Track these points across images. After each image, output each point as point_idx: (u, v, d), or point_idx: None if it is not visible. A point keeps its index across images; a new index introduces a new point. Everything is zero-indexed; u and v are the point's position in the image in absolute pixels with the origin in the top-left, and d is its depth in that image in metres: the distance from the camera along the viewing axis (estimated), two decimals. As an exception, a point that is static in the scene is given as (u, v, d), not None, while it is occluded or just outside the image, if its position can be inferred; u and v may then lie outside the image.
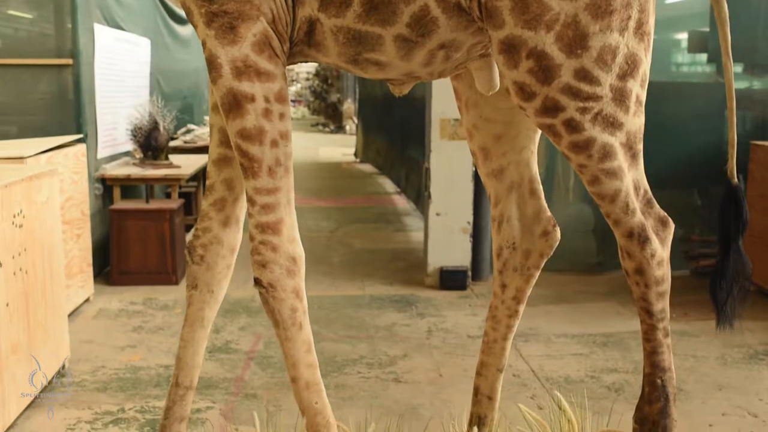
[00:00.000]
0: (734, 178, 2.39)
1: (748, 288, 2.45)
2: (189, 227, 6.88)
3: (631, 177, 2.16)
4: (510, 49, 2.03)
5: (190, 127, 9.03)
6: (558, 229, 2.63)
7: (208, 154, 2.47)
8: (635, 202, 2.17)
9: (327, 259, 6.92)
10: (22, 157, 4.23)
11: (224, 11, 2.05)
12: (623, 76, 2.05)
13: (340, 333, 4.91)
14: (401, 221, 8.98)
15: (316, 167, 14.27)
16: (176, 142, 8.28)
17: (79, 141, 5.31)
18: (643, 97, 2.13)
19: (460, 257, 5.97)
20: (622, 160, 2.11)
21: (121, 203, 6.18)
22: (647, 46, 2.09)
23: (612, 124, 2.07)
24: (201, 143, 8.34)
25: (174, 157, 6.96)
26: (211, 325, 2.57)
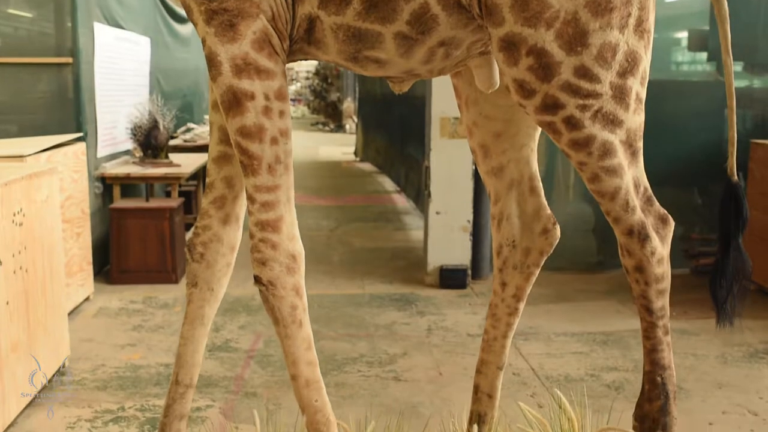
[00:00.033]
0: (734, 176, 2.38)
1: (748, 287, 2.45)
2: (189, 226, 6.88)
3: (631, 174, 2.16)
4: (510, 47, 2.03)
5: (190, 125, 9.03)
6: (558, 227, 2.62)
7: (208, 152, 2.46)
8: (635, 200, 2.17)
9: (327, 258, 6.92)
10: (22, 156, 4.23)
11: (224, 9, 2.05)
12: (623, 74, 2.04)
13: (340, 331, 4.91)
14: (401, 220, 8.98)
15: (315, 166, 14.27)
16: (176, 141, 8.28)
17: (78, 139, 5.31)
18: (643, 94, 2.13)
19: (459, 256, 5.96)
20: (622, 157, 2.11)
21: (121, 202, 6.18)
22: (647, 43, 2.08)
23: (612, 122, 2.06)
24: (201, 142, 8.34)
25: (174, 156, 6.96)
26: (211, 323, 2.57)
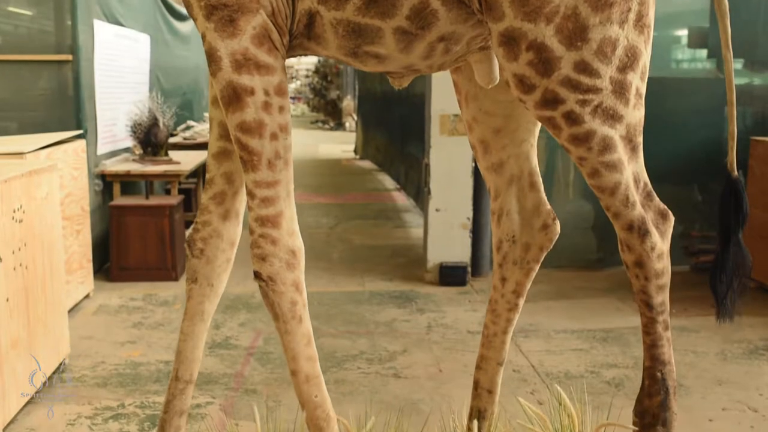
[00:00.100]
0: (734, 171, 2.39)
1: (747, 283, 2.45)
2: (189, 223, 6.87)
3: (631, 170, 2.15)
4: (510, 42, 2.03)
5: (190, 123, 9.04)
6: (558, 223, 2.62)
7: (208, 148, 2.46)
8: (635, 195, 2.17)
9: (327, 256, 6.91)
10: (22, 153, 4.22)
11: (224, 4, 2.05)
12: (623, 69, 2.04)
13: (340, 329, 4.91)
14: (401, 218, 8.97)
15: (315, 164, 14.26)
16: (176, 139, 8.28)
17: (78, 137, 5.31)
18: (643, 89, 2.13)
19: (459, 253, 5.96)
20: (621, 152, 2.11)
21: (121, 199, 6.18)
22: (647, 38, 2.08)
23: (612, 117, 2.06)
24: (201, 140, 8.34)
25: (173, 154, 6.97)
26: (211, 319, 2.57)
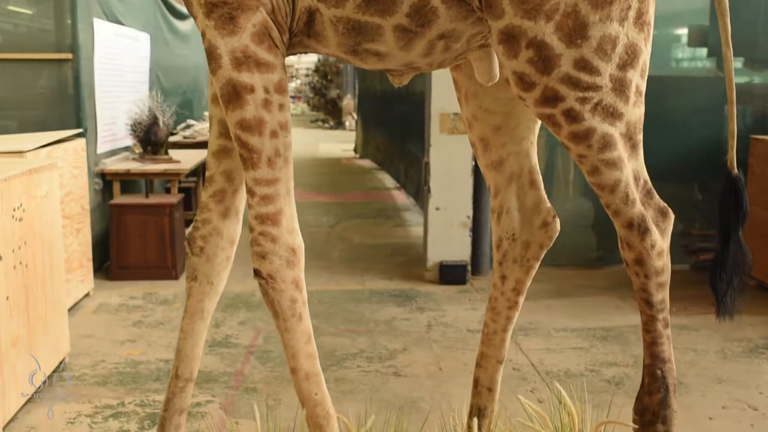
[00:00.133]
0: (734, 169, 2.38)
1: (747, 281, 2.45)
2: (189, 222, 6.85)
3: (631, 167, 2.15)
4: (509, 39, 2.03)
5: (190, 122, 9.04)
6: (558, 220, 2.62)
7: (208, 146, 2.46)
8: (635, 193, 2.17)
9: (326, 254, 6.91)
10: (22, 152, 4.22)
11: (223, 2, 2.04)
12: (623, 66, 2.04)
13: (340, 327, 4.91)
14: (401, 216, 8.97)
15: (315, 163, 14.26)
16: (176, 138, 8.28)
17: (78, 135, 5.31)
18: (643, 87, 2.13)
19: (459, 252, 5.96)
20: (621, 150, 2.11)
21: (121, 198, 6.18)
22: (647, 36, 2.08)
23: (612, 114, 2.06)
24: (200, 138, 8.34)
25: (173, 153, 6.97)
26: (211, 317, 2.57)
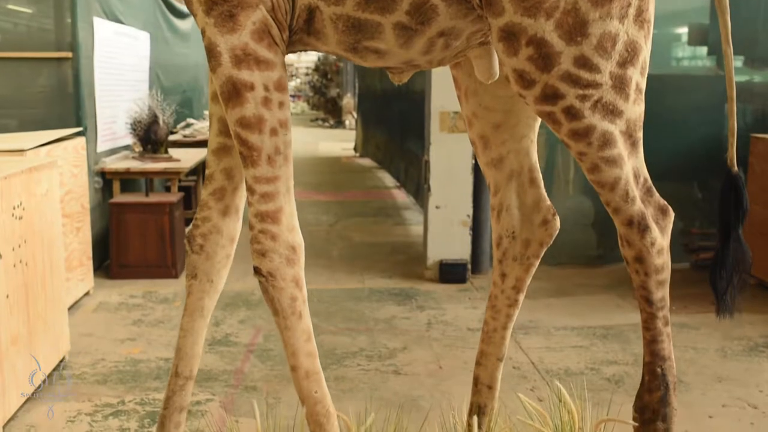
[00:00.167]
0: (734, 167, 2.38)
1: (747, 280, 2.45)
2: (188, 221, 6.84)
3: (631, 165, 2.15)
4: (509, 37, 2.02)
5: (190, 121, 9.03)
6: (557, 218, 2.62)
7: (208, 144, 2.46)
8: (635, 190, 2.17)
9: (326, 253, 6.91)
10: (22, 150, 4.22)
11: (223, -1, 2.04)
12: (623, 64, 2.04)
13: (340, 326, 4.91)
14: (401, 215, 8.97)
15: (315, 162, 14.26)
16: (176, 137, 8.28)
17: (78, 134, 5.31)
18: (643, 84, 2.12)
19: (459, 250, 5.96)
20: (621, 147, 2.11)
21: (121, 197, 6.18)
22: (647, 33, 2.08)
23: (612, 112, 2.06)
24: (200, 137, 8.34)
25: (173, 151, 6.97)
26: (211, 315, 2.57)
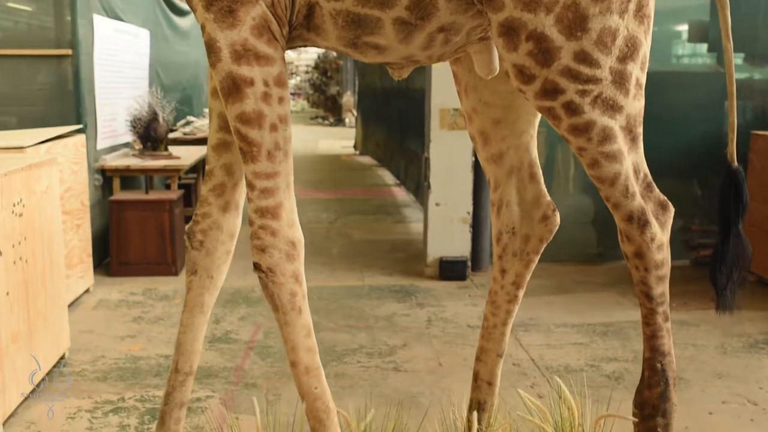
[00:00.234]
0: (734, 162, 2.38)
1: (746, 276, 2.45)
2: (188, 218, 6.81)
3: (631, 160, 2.15)
4: (509, 32, 2.02)
5: (190, 119, 9.03)
6: (557, 214, 2.62)
7: (208, 140, 2.46)
8: (635, 186, 2.16)
9: (326, 250, 6.91)
10: (22, 147, 4.22)
11: (223, -5, 2.04)
12: (623, 59, 2.04)
13: (340, 323, 4.91)
14: (401, 213, 8.97)
15: (315, 160, 14.26)
16: (176, 134, 8.28)
17: (78, 131, 5.30)
18: (643, 80, 2.12)
19: (459, 247, 5.96)
20: (621, 143, 2.11)
21: (121, 194, 6.17)
22: (647, 28, 2.08)
23: (612, 107, 2.06)
24: (200, 135, 8.33)
25: (173, 149, 6.96)
26: (211, 311, 2.57)
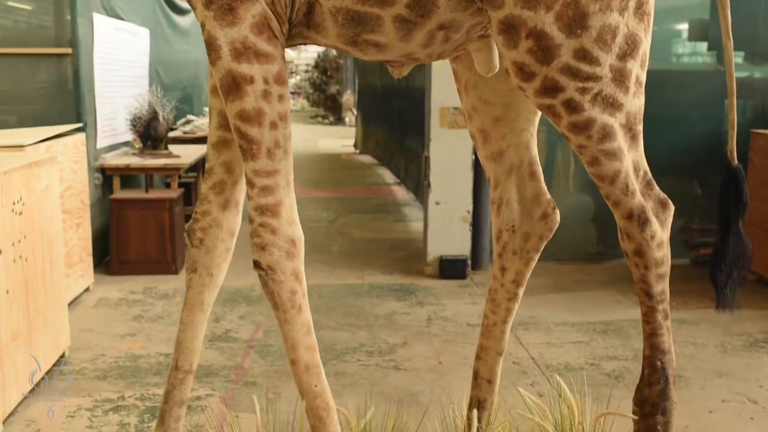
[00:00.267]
0: (734, 160, 2.38)
1: (746, 275, 2.45)
2: (188, 217, 6.81)
3: (631, 158, 2.15)
4: (509, 29, 2.02)
5: (190, 117, 9.02)
6: (557, 212, 2.62)
7: (208, 138, 2.46)
8: (635, 184, 2.16)
9: (326, 249, 6.91)
10: (22, 146, 4.22)
11: (223, -8, 2.04)
12: (623, 57, 2.04)
13: (340, 321, 4.91)
14: (401, 211, 8.97)
15: (315, 158, 14.25)
16: (175, 133, 8.28)
17: (78, 130, 5.30)
18: (643, 77, 2.12)
19: (459, 246, 5.96)
20: (621, 141, 2.11)
21: (121, 193, 6.17)
22: (647, 26, 2.08)
23: (612, 105, 2.06)
24: (200, 134, 8.33)
25: (173, 148, 6.96)
26: (211, 309, 2.57)
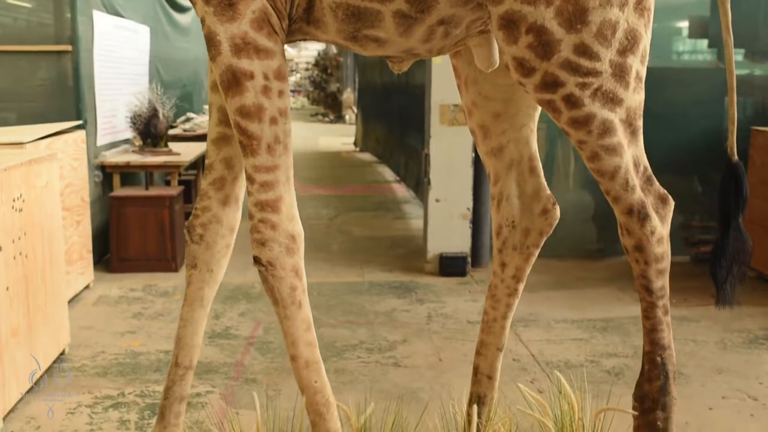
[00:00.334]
0: (734, 156, 2.38)
1: (746, 272, 2.45)
2: (188, 215, 6.81)
3: (631, 153, 2.15)
4: (509, 25, 2.02)
5: (190, 115, 9.02)
6: (557, 208, 2.62)
7: (208, 134, 2.46)
8: (635, 179, 2.16)
9: (326, 246, 6.91)
10: (22, 143, 4.22)
11: (223, -12, 2.04)
12: (623, 52, 2.04)
13: (340, 319, 4.91)
14: (401, 209, 8.97)
15: (315, 156, 14.25)
16: (176, 131, 8.27)
17: (78, 127, 5.30)
18: (643, 73, 2.12)
19: (459, 243, 5.96)
20: (621, 136, 2.10)
21: (121, 190, 6.17)
22: (647, 21, 2.08)
23: (612, 100, 2.06)
24: (200, 131, 8.32)
25: (173, 145, 6.96)
26: (210, 305, 2.57)
